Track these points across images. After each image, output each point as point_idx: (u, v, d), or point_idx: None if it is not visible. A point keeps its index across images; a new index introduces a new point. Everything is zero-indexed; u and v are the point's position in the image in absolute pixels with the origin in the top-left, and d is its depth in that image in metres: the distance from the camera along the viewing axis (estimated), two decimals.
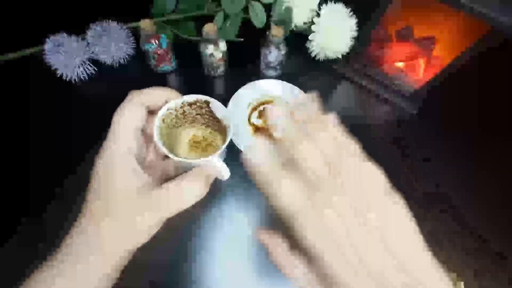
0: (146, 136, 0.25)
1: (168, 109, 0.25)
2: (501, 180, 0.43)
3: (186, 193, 0.22)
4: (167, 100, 0.25)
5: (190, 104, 0.27)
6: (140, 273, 0.23)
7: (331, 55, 0.49)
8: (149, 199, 0.21)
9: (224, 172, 0.25)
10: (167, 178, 0.24)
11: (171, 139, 0.28)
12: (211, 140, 0.30)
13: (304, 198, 0.16)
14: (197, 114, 0.29)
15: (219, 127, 0.29)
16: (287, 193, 0.16)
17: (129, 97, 0.24)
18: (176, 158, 0.23)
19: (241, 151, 0.40)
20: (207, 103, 0.27)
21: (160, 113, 0.25)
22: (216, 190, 0.35)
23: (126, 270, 0.23)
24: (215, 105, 0.27)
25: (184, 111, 0.27)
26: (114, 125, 0.23)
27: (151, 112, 0.25)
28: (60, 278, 0.20)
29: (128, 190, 0.21)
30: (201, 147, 0.30)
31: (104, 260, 0.21)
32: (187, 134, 0.30)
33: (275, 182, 0.17)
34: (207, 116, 0.29)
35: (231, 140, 0.26)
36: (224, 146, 0.25)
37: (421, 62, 0.48)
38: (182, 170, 0.25)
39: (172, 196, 0.22)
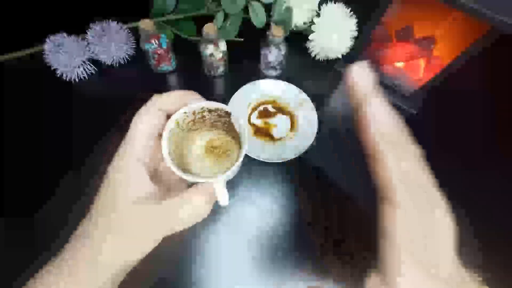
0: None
1: (185, 112, 0.24)
2: (502, 180, 0.43)
3: (186, 211, 0.21)
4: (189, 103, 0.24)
5: (210, 111, 0.26)
6: (139, 273, 0.23)
7: (331, 55, 0.49)
8: (146, 215, 0.20)
9: (222, 199, 0.23)
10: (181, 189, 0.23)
11: (187, 141, 0.27)
12: (227, 148, 0.29)
13: None
14: (216, 121, 0.28)
15: (236, 139, 0.28)
16: None
17: (150, 100, 0.23)
18: (175, 170, 0.22)
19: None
20: (228, 114, 0.25)
21: (174, 116, 0.23)
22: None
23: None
24: (235, 117, 0.25)
25: (203, 116, 0.26)
26: (131, 130, 0.22)
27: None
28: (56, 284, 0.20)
29: (128, 201, 0.21)
30: (217, 153, 0.29)
31: (100, 272, 0.21)
32: (205, 136, 0.29)
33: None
34: (227, 125, 0.27)
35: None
36: (234, 167, 0.23)
37: (421, 62, 0.48)
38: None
39: (169, 214, 0.21)
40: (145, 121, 0.22)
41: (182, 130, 0.25)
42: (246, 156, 0.40)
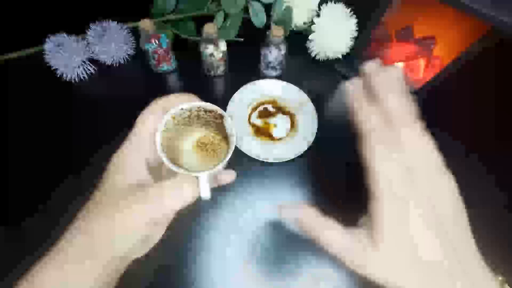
0: None
1: (182, 109, 0.26)
2: (502, 181, 0.43)
3: (173, 195, 0.22)
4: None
5: (206, 111, 0.27)
6: (139, 273, 0.23)
7: (331, 55, 0.49)
8: (135, 196, 0.21)
9: (203, 192, 0.24)
10: None
11: (180, 135, 0.28)
12: (217, 147, 0.30)
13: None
14: (210, 120, 0.29)
15: (227, 139, 0.29)
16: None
17: (155, 101, 0.25)
18: (165, 160, 0.23)
19: (243, 150, 0.40)
20: (222, 117, 0.27)
21: (171, 111, 0.25)
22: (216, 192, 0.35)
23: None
24: (228, 122, 0.27)
25: (199, 115, 0.28)
26: (137, 126, 0.24)
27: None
28: (55, 276, 0.20)
29: (121, 186, 0.22)
30: (206, 150, 0.30)
31: (97, 262, 0.21)
32: (197, 133, 0.30)
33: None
34: (220, 126, 0.29)
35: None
36: (220, 165, 0.24)
37: (421, 62, 0.48)
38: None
39: (155, 196, 0.21)
40: (151, 119, 0.24)
41: (176, 125, 0.27)
42: (246, 156, 0.40)
